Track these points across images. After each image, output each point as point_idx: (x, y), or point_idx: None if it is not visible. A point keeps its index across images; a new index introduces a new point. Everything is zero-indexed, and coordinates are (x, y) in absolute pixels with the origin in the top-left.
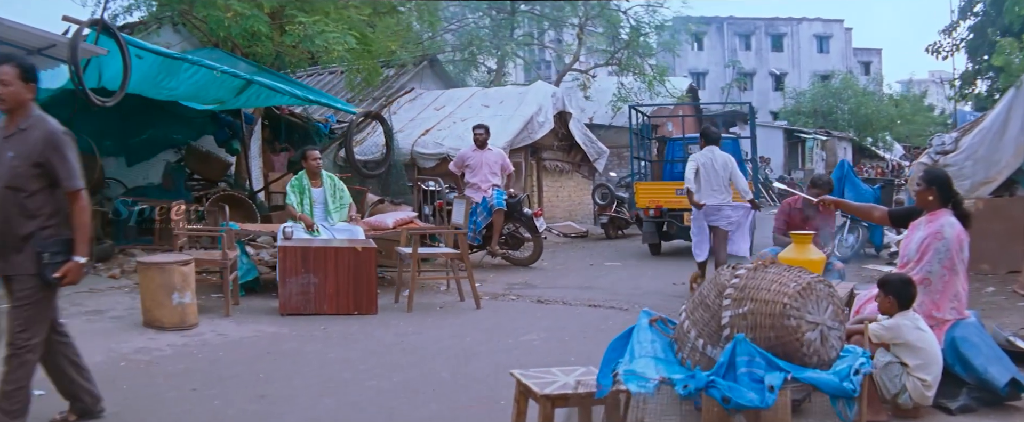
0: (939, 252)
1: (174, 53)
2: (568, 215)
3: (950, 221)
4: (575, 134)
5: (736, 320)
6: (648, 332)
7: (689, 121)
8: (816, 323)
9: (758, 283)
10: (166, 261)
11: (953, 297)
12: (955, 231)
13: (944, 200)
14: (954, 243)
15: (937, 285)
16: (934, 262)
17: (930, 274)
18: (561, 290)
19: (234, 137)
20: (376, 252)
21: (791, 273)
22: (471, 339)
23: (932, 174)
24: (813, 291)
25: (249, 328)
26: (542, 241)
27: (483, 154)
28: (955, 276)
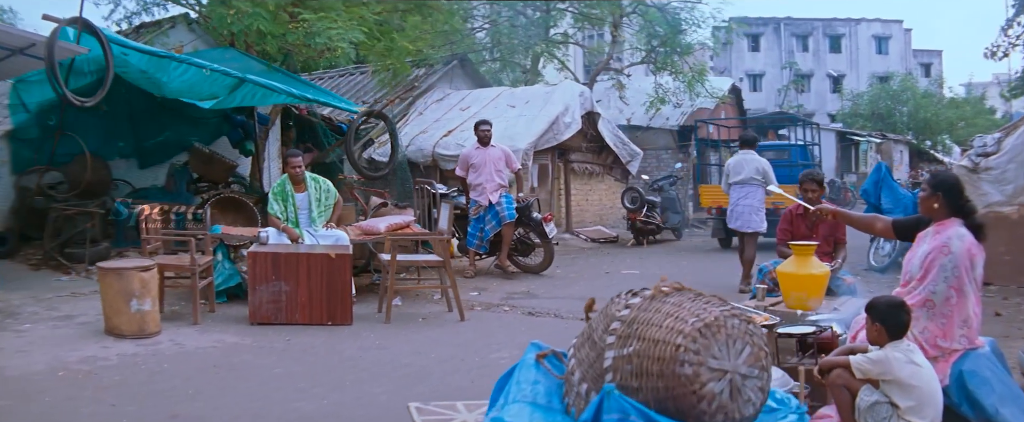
0: (945, 269)
1: (160, 51)
2: (598, 219)
3: (959, 232)
4: (605, 135)
5: (619, 363)
6: (533, 370)
7: (732, 123)
8: (723, 371)
9: (650, 316)
10: (125, 266)
11: (962, 323)
12: (965, 244)
13: (953, 208)
14: (963, 258)
15: (943, 308)
16: (939, 281)
17: (934, 295)
18: (559, 301)
19: (247, 138)
20: (368, 257)
21: (696, 304)
22: (435, 356)
23: (938, 177)
24: (721, 329)
25: (210, 338)
26: (553, 247)
27: (487, 152)
28: (964, 298)
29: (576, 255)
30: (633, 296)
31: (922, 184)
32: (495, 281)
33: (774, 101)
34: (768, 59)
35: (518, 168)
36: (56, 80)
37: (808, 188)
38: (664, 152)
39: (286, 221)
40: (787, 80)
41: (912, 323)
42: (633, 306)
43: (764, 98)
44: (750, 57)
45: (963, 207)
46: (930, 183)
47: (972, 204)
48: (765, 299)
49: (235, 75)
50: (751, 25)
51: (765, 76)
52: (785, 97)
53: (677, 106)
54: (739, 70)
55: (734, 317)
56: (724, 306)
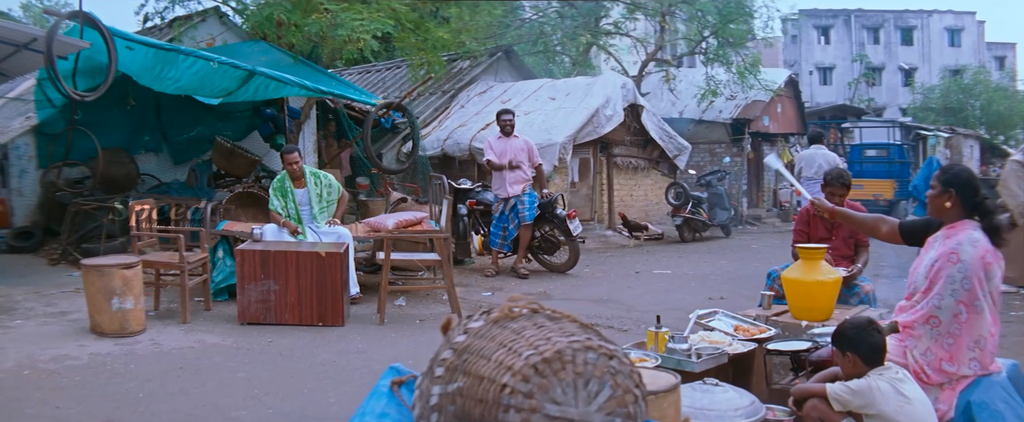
0: (953, 280)
1: (166, 45)
2: (644, 215)
3: (973, 237)
4: (649, 128)
5: (445, 401)
6: (384, 400)
7: (789, 116)
8: (566, 419)
9: (483, 345)
10: (107, 264)
11: (974, 344)
12: (978, 252)
13: (967, 208)
14: (975, 267)
15: (950, 326)
16: (945, 293)
17: (939, 310)
18: (572, 304)
19: (278, 132)
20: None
21: (541, 331)
22: (413, 362)
23: (950, 172)
24: (566, 365)
25: (192, 338)
26: (578, 245)
27: (509, 142)
28: (976, 314)
29: (614, 253)
30: (479, 317)
31: (932, 180)
32: (513, 281)
33: (844, 95)
34: (838, 52)
35: (540, 163)
36: (55, 75)
37: (835, 191)
38: (718, 146)
39: (287, 218)
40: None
41: (913, 343)
42: (471, 331)
43: (834, 92)
44: (820, 50)
45: (979, 206)
46: (941, 178)
47: (991, 202)
48: (771, 307)
49: (244, 67)
50: (821, 17)
51: (835, 69)
52: (855, 91)
53: (730, 99)
54: (809, 63)
55: (589, 350)
56: (579, 335)
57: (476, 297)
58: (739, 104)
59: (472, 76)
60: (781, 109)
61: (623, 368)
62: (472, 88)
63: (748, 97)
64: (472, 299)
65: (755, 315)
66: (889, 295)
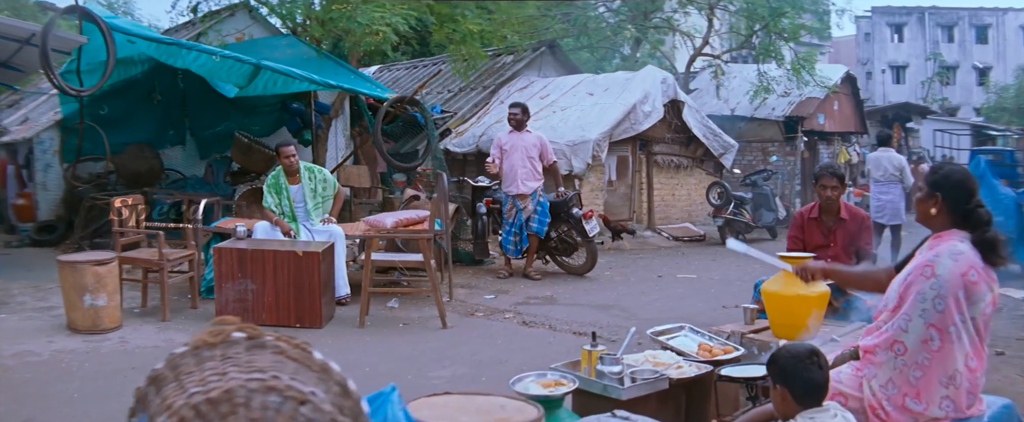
0: (924, 297)
1: (167, 38)
2: (686, 216)
3: (955, 249)
4: (691, 125)
5: None
6: None
7: (846, 114)
8: None
9: (167, 376)
10: (80, 260)
11: (948, 379)
12: (958, 267)
13: (957, 215)
14: (952, 284)
15: (917, 355)
16: (914, 314)
17: (905, 333)
18: (574, 309)
19: (306, 127)
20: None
21: (223, 364)
22: (371, 369)
23: (939, 172)
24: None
25: (162, 337)
26: (595, 246)
27: (520, 137)
28: (951, 344)
29: (647, 255)
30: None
31: (921, 181)
32: (523, 283)
33: (917, 94)
34: (912, 50)
35: (554, 160)
36: (50, 70)
37: (826, 185)
38: (771, 145)
39: (281, 215)
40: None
41: (873, 371)
42: (173, 358)
43: (908, 91)
44: (893, 48)
45: (971, 215)
46: (928, 180)
47: (984, 211)
48: (755, 321)
49: (249, 61)
50: (894, 15)
51: (909, 68)
52: (929, 90)
53: (785, 95)
54: (882, 61)
55: (271, 392)
56: (267, 373)
57: (477, 300)
58: (793, 101)
59: (514, 71)
60: (838, 107)
61: (319, 416)
62: (513, 83)
63: (802, 94)
64: (472, 301)
65: (730, 332)
66: None
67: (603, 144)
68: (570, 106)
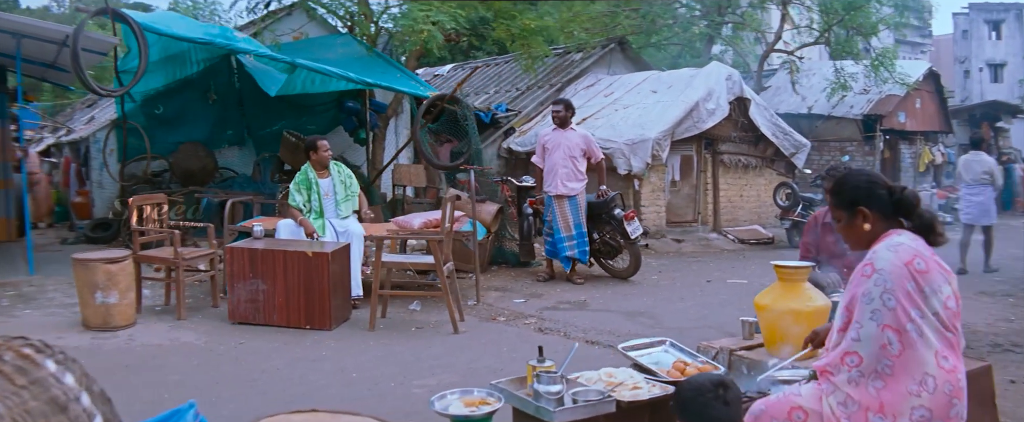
0: (870, 298)
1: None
2: (755, 218)
3: (892, 241)
4: (759, 123)
5: None
6: None
7: (929, 113)
8: None
9: None
10: (92, 258)
11: (917, 385)
12: (900, 257)
13: (888, 213)
14: (898, 277)
15: (875, 363)
16: (864, 319)
17: (858, 343)
18: (603, 316)
19: (361, 126)
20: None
21: None
22: (358, 375)
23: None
24: None
25: (169, 336)
26: (638, 249)
27: (563, 135)
28: (911, 344)
29: (707, 258)
30: None
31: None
32: (561, 287)
33: (1016, 93)
34: (1010, 48)
35: (601, 158)
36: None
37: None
38: (849, 144)
39: (309, 212)
40: None
41: (830, 388)
42: None
43: (1006, 89)
44: (990, 46)
45: (900, 203)
46: (839, 202)
47: (910, 194)
48: (754, 336)
49: (284, 60)
50: (992, 11)
51: (1007, 66)
52: None
53: (864, 93)
54: (979, 59)
55: None
56: None
57: (506, 304)
58: (871, 99)
59: (582, 68)
60: (921, 105)
61: None
62: (580, 81)
63: (882, 91)
64: (500, 305)
65: (718, 348)
66: None
67: (664, 143)
68: (632, 104)
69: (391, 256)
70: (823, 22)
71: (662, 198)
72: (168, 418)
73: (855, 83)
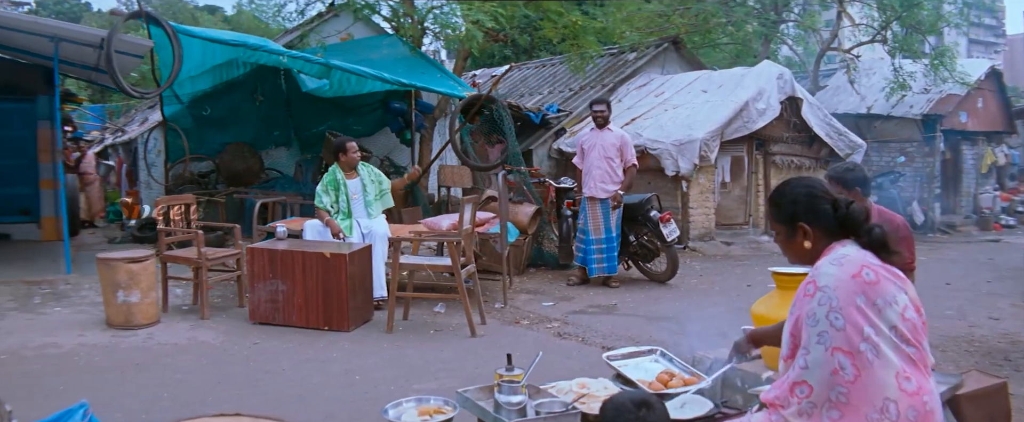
0: (815, 319)
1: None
2: None
3: (837, 255)
4: (812, 123)
5: None
6: None
7: (991, 113)
8: None
9: None
10: (114, 257)
11: (877, 414)
12: (845, 270)
13: (832, 228)
14: (845, 292)
15: (829, 391)
16: (811, 343)
17: (807, 371)
18: (629, 319)
19: (407, 127)
20: None
21: None
22: (362, 377)
23: (783, 201)
24: None
25: (188, 335)
26: (675, 252)
27: (600, 136)
28: (867, 366)
29: (754, 261)
30: None
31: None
32: (593, 291)
33: None
34: None
35: (633, 163)
36: (113, 72)
37: (840, 188)
38: (908, 144)
39: (337, 213)
40: None
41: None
42: None
43: None
44: None
45: (846, 218)
46: (776, 215)
47: (856, 208)
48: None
49: (318, 61)
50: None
51: None
52: None
53: (925, 92)
54: None
55: None
56: None
57: (533, 307)
58: (931, 99)
59: (635, 68)
60: (983, 105)
61: None
62: (632, 81)
63: (942, 91)
64: (527, 308)
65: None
66: None
67: (712, 144)
68: (682, 104)
69: (410, 258)
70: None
71: (711, 200)
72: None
73: (915, 82)
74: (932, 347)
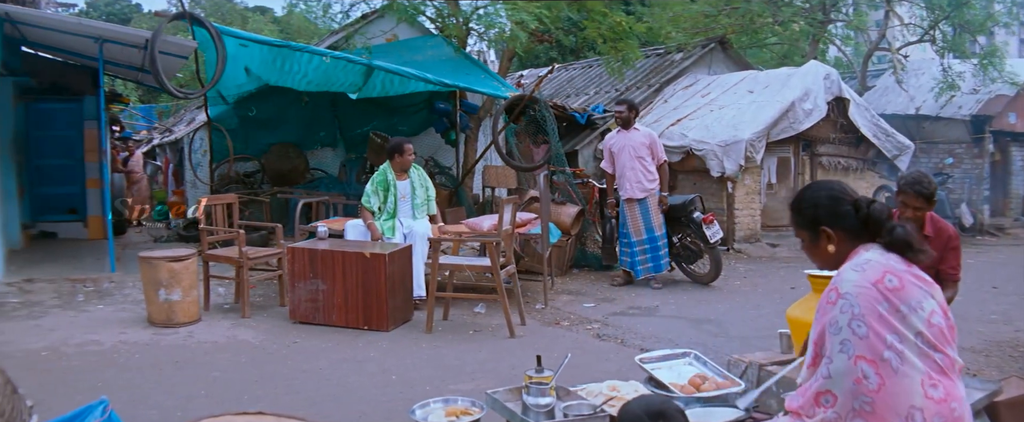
0: (837, 327)
1: (276, 41)
2: None
3: (861, 260)
4: (859, 124)
5: None
6: None
7: None
8: None
9: None
10: (156, 256)
11: (903, 420)
12: (868, 276)
13: (856, 230)
14: (867, 299)
15: (853, 400)
16: (833, 351)
17: (830, 381)
18: (670, 321)
19: (452, 127)
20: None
21: None
22: (398, 377)
23: (803, 204)
24: None
25: (228, 334)
26: (719, 254)
27: (626, 137)
28: (892, 374)
29: (799, 264)
30: None
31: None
32: (636, 291)
33: None
34: None
35: (664, 160)
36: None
37: (909, 204)
38: (958, 146)
39: (383, 213)
40: None
41: None
42: None
43: None
44: None
45: (869, 219)
46: (797, 220)
47: (878, 207)
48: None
49: (361, 62)
50: None
51: None
52: None
53: (974, 92)
54: None
55: None
56: None
57: (574, 308)
58: (980, 99)
59: (681, 68)
60: None
61: None
62: (678, 81)
63: (991, 91)
64: (568, 309)
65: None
66: None
67: (758, 144)
68: (728, 105)
69: (449, 258)
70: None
71: (757, 201)
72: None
73: (963, 82)
74: (975, 352)
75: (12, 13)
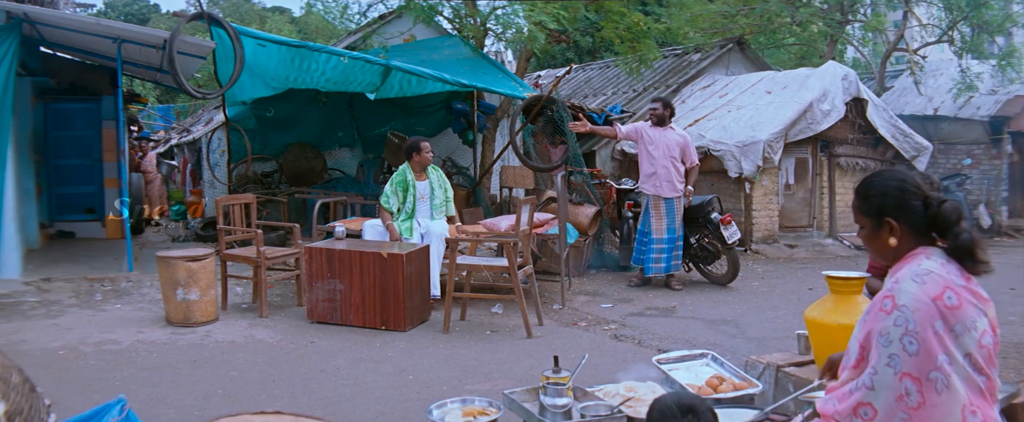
0: (888, 339)
1: (294, 41)
2: None
3: (921, 268)
4: (877, 125)
5: None
6: None
7: None
8: None
9: None
10: (173, 256)
11: None
12: (928, 289)
13: (921, 228)
14: (924, 315)
15: (890, 416)
16: (880, 364)
17: (872, 393)
18: (687, 322)
19: (470, 128)
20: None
21: None
22: (415, 378)
23: (871, 192)
24: None
25: (245, 333)
26: (736, 255)
27: (662, 133)
28: (935, 394)
29: (818, 264)
30: None
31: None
32: (653, 292)
33: None
34: None
35: (696, 163)
36: (175, 72)
37: None
38: (976, 147)
39: (401, 213)
40: None
41: None
42: None
43: None
44: None
45: (937, 219)
46: (863, 208)
47: (949, 206)
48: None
49: (379, 62)
50: None
51: None
52: None
53: (992, 93)
54: None
55: None
56: None
57: (592, 309)
58: (999, 100)
59: (699, 69)
60: None
61: None
62: (696, 82)
63: (1010, 92)
64: (585, 310)
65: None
66: None
67: (776, 145)
68: (746, 105)
69: (465, 258)
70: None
71: (775, 202)
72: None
73: (982, 83)
74: None
75: (31, 13)
